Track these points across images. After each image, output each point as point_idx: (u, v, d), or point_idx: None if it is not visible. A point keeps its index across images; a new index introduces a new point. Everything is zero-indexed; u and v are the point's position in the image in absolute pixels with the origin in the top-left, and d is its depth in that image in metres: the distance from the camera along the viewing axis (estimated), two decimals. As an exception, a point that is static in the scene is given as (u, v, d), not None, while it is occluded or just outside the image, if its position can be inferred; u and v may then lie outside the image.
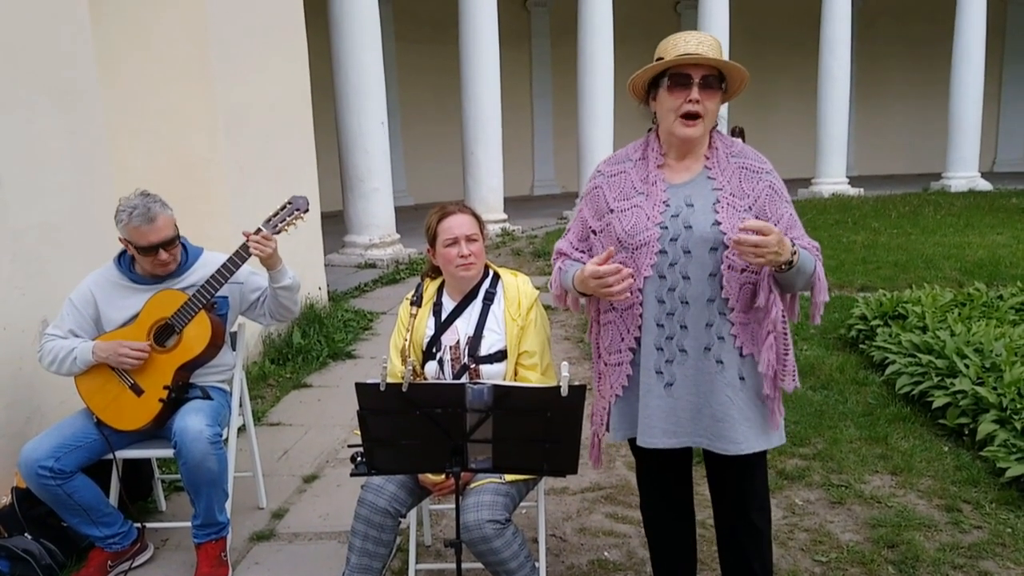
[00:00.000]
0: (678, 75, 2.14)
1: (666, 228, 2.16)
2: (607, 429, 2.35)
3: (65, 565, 3.08)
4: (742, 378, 2.18)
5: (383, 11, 10.31)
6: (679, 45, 2.15)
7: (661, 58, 2.17)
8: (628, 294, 2.13)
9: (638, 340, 2.21)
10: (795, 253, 2.07)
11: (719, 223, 2.13)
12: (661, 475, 2.45)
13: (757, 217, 2.14)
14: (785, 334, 2.19)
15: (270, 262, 3.06)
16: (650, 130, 2.33)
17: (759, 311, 2.15)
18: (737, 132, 13.68)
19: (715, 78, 2.16)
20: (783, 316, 2.18)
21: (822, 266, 2.21)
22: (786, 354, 2.21)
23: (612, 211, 2.25)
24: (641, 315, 2.19)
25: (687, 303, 2.15)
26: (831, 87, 15.73)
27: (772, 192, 2.21)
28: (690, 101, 2.13)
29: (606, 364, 2.31)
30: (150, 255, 2.99)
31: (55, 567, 3.03)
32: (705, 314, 2.15)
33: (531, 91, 21.33)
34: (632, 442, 2.35)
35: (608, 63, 13.24)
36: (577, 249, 2.38)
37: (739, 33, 14.61)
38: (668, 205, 2.19)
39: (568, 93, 16.19)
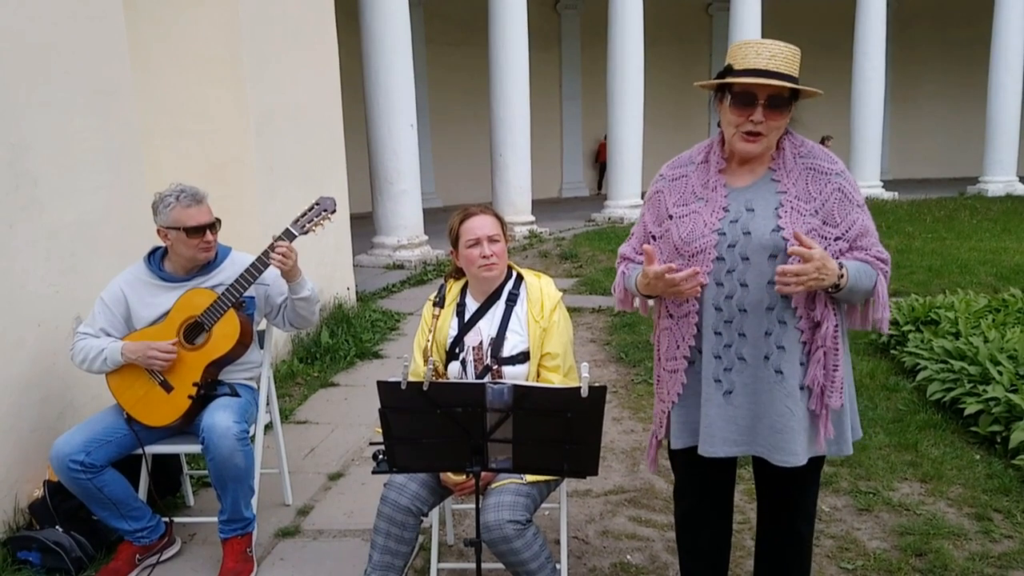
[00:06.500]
0: (743, 93, 2.01)
1: (723, 234, 2.07)
2: (666, 435, 2.30)
3: (95, 558, 3.13)
4: (802, 388, 2.09)
5: (413, 13, 10.39)
6: (748, 56, 2.00)
7: (731, 65, 2.04)
8: (699, 288, 2.05)
9: (692, 348, 2.15)
10: (842, 276, 1.98)
11: (780, 228, 2.03)
12: (705, 484, 2.38)
13: (824, 222, 2.05)
14: (836, 349, 2.09)
15: (290, 274, 3.09)
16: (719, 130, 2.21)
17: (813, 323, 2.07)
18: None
19: (783, 99, 2.01)
20: (835, 331, 2.08)
21: (885, 280, 2.10)
22: (835, 369, 2.09)
23: (671, 217, 2.17)
24: (697, 324, 2.13)
25: (745, 311, 2.07)
26: (865, 90, 15.55)
27: (841, 196, 2.07)
28: (751, 121, 2.01)
29: (664, 370, 2.26)
30: (197, 237, 3.04)
31: (85, 559, 3.08)
32: (764, 322, 2.07)
33: (560, 93, 21.32)
34: (673, 451, 2.30)
35: (639, 65, 13.19)
36: (640, 253, 2.28)
37: (771, 34, 14.43)
38: (727, 210, 2.09)
39: (598, 95, 16.17)
